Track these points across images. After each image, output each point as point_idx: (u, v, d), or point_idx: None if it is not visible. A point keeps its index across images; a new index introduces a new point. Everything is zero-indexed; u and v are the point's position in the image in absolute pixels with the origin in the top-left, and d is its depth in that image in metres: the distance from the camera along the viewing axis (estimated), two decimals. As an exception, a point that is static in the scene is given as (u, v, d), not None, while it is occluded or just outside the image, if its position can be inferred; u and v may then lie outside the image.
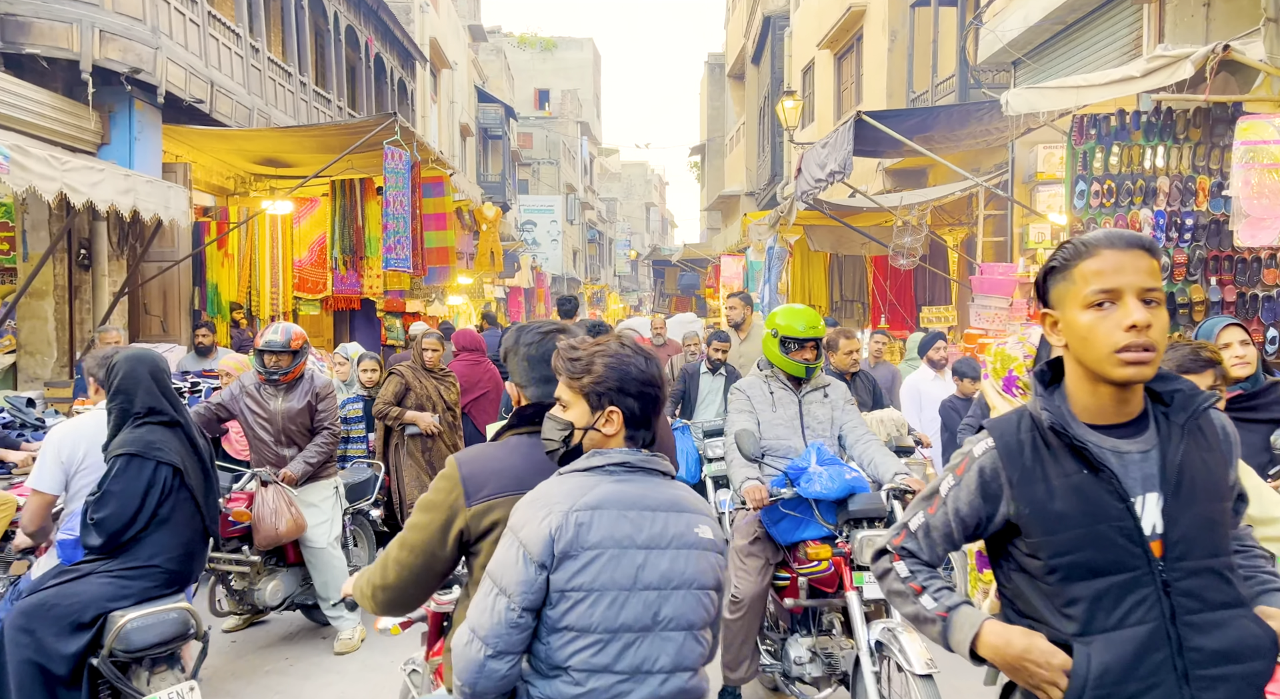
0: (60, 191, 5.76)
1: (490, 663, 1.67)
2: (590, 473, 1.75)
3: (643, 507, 1.72)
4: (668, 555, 1.72)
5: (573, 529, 1.65)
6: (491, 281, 21.74)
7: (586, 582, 1.65)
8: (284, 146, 9.18)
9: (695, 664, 1.74)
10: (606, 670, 1.66)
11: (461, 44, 22.98)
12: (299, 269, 10.52)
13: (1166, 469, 1.47)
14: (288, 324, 4.76)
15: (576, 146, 40.43)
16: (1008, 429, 1.57)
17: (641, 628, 1.68)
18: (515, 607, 1.65)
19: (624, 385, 1.78)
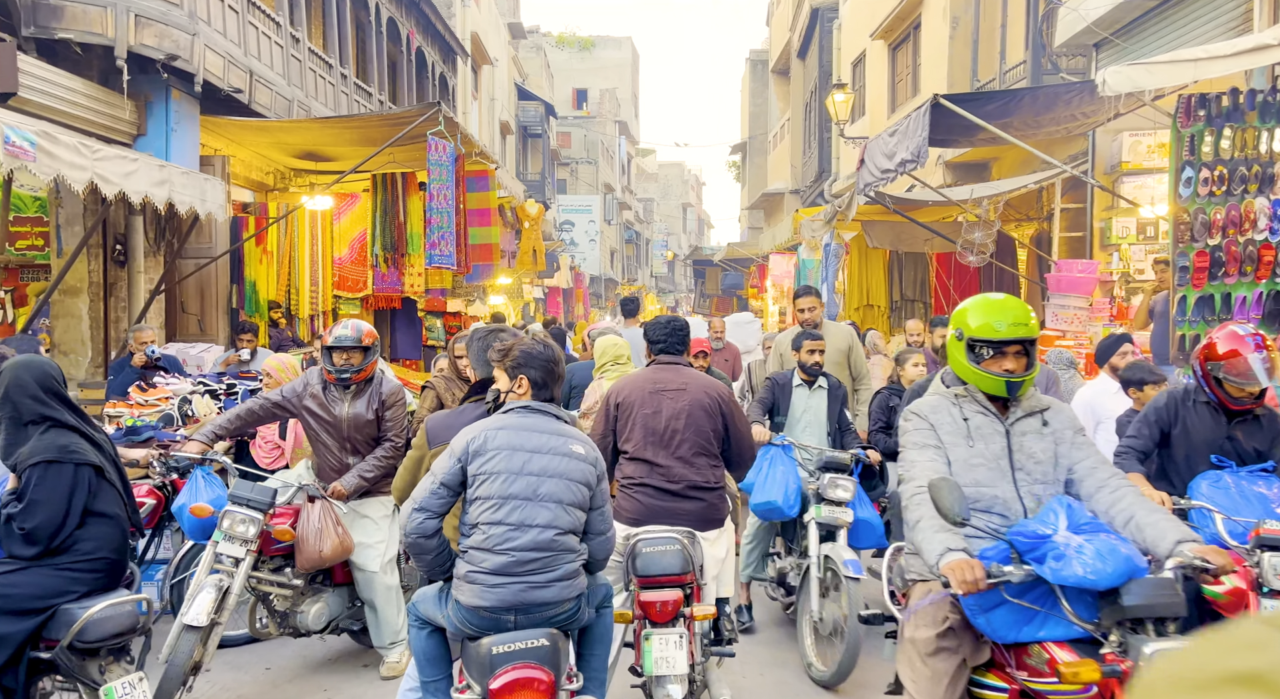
0: (90, 181, 5.43)
1: (415, 514, 2.74)
2: (505, 413, 2.88)
3: (532, 429, 2.81)
4: (545, 457, 2.77)
5: (482, 438, 2.77)
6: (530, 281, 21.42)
7: (489, 469, 2.73)
8: (324, 139, 8.85)
9: (565, 527, 2.75)
10: (500, 523, 2.70)
11: (502, 40, 22.69)
12: (339, 267, 10.21)
13: None
14: (357, 320, 4.37)
15: (614, 146, 40.07)
16: None
17: (524, 498, 2.71)
18: (437, 482, 2.75)
19: (529, 363, 2.89)
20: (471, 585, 2.68)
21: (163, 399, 6.03)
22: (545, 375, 2.89)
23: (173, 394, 6.10)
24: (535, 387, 2.89)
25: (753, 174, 29.57)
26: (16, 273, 7.80)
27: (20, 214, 7.61)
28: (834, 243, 11.21)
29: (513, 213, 13.27)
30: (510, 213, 13.15)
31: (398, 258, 9.70)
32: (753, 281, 21.09)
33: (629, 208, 43.96)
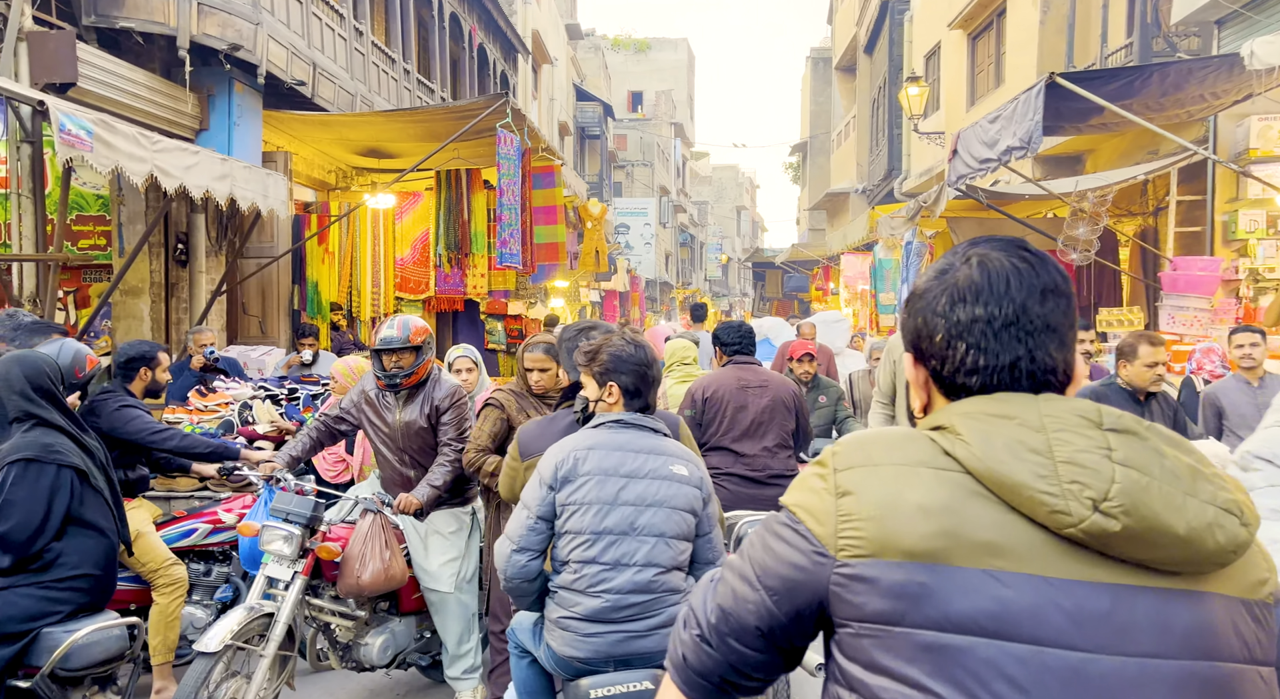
0: (150, 174, 5.12)
1: (515, 555, 2.44)
2: (595, 428, 2.53)
3: (628, 449, 2.47)
4: (644, 483, 2.44)
5: (571, 462, 2.44)
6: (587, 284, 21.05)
7: (579, 498, 2.42)
8: (388, 134, 8.54)
9: (666, 563, 2.42)
10: (594, 562, 2.40)
11: (560, 40, 22.41)
12: (400, 268, 9.91)
13: None
14: (406, 316, 3.95)
15: (670, 148, 39.63)
16: None
17: (620, 532, 2.40)
18: (533, 516, 2.44)
19: (619, 367, 2.54)
20: (564, 632, 2.42)
21: (223, 405, 5.71)
22: (638, 381, 2.54)
23: (233, 399, 5.78)
24: (627, 395, 2.55)
25: (814, 174, 28.83)
26: (79, 273, 7.61)
27: (83, 213, 7.42)
28: (916, 241, 10.55)
29: (575, 212, 12.88)
30: (573, 212, 12.75)
31: (461, 258, 9.34)
32: (818, 284, 20.40)
33: (684, 210, 43.47)
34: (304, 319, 8.29)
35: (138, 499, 4.05)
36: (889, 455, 1.01)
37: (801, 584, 1.01)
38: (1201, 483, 0.94)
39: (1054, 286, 1.02)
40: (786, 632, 1.04)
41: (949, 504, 0.95)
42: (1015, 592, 0.92)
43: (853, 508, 0.98)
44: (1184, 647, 0.91)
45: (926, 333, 1.05)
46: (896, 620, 0.94)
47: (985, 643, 0.91)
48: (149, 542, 3.79)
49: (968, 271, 1.03)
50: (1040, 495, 0.92)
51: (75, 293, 7.69)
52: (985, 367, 1.01)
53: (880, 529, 0.96)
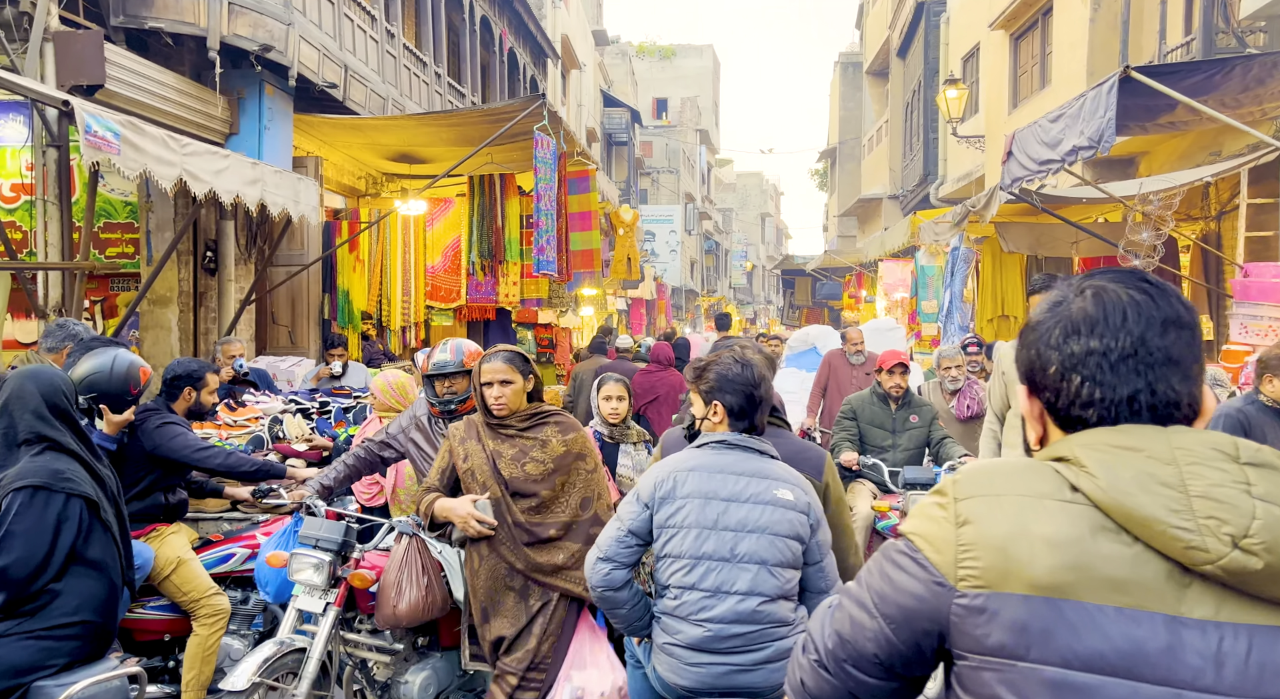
0: (179, 179, 4.90)
1: (600, 563, 2.41)
2: (698, 448, 2.49)
3: (730, 471, 2.40)
4: (745, 507, 2.35)
5: (671, 483, 2.41)
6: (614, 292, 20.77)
7: (677, 521, 2.37)
8: (419, 138, 8.30)
9: (770, 592, 2.31)
10: (694, 588, 2.33)
11: (588, 46, 22.22)
12: (431, 276, 9.67)
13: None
14: (459, 340, 3.69)
15: (695, 155, 39.35)
16: None
17: (720, 558, 2.32)
18: (623, 529, 2.42)
19: (724, 387, 2.49)
20: (669, 659, 2.37)
21: (252, 419, 5.46)
22: (744, 402, 2.47)
23: (263, 414, 5.53)
24: (732, 415, 2.48)
25: (843, 181, 28.40)
26: (107, 282, 7.42)
27: (111, 220, 7.23)
28: (964, 247, 10.16)
29: (606, 219, 12.60)
30: (604, 219, 12.47)
31: (494, 265, 9.08)
32: (850, 291, 19.98)
33: (709, 218, 43.16)
34: (334, 329, 8.06)
35: (177, 524, 3.80)
36: (1012, 486, 0.99)
37: (919, 613, 1.00)
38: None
39: (1176, 318, 1.00)
40: (905, 660, 1.03)
41: (1076, 537, 0.93)
42: (1148, 631, 0.90)
43: (974, 538, 0.97)
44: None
45: (1040, 365, 1.04)
46: (1020, 655, 0.93)
47: (1116, 683, 0.90)
48: (191, 569, 3.53)
49: (1081, 304, 1.02)
50: (1174, 531, 0.90)
51: (103, 302, 7.49)
52: (1101, 399, 1.00)
53: (1004, 560, 0.95)
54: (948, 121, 15.26)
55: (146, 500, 3.60)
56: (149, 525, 3.59)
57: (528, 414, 3.04)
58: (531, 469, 2.96)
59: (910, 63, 20.82)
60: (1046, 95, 12.51)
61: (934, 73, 18.54)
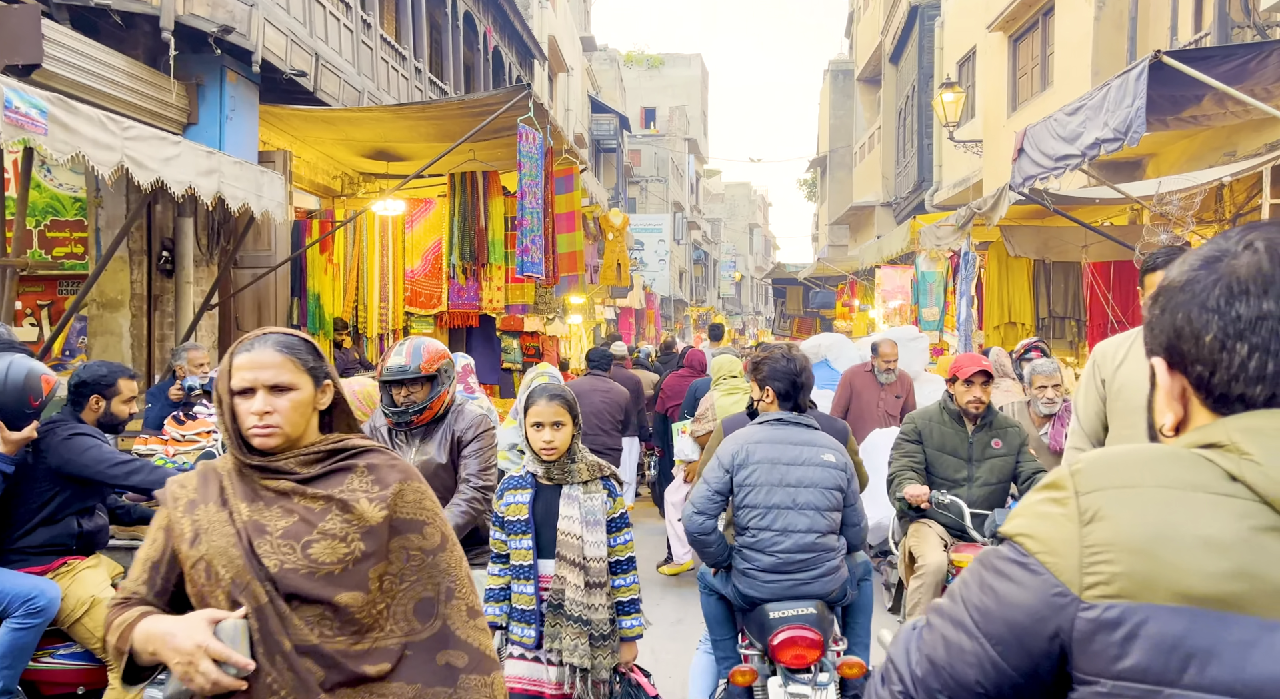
0: (120, 165, 4.37)
1: (695, 516, 3.16)
2: (760, 425, 3.28)
3: (787, 442, 3.18)
4: (801, 468, 3.13)
5: (745, 452, 3.17)
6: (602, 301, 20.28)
7: (752, 480, 3.13)
8: (397, 133, 7.80)
9: (823, 529, 3.11)
10: (767, 529, 3.10)
11: (576, 50, 21.81)
12: (410, 281, 9.14)
13: None
14: (419, 340, 3.20)
15: (684, 164, 39.03)
16: None
17: (785, 507, 3.09)
18: (712, 490, 3.17)
19: (774, 375, 3.29)
20: (748, 578, 3.12)
21: (204, 433, 4.92)
22: (789, 387, 3.27)
23: (215, 427, 4.99)
24: (780, 397, 3.29)
25: (834, 189, 28.09)
26: (54, 284, 6.87)
27: (59, 218, 6.69)
28: (970, 252, 9.73)
29: (595, 223, 12.11)
30: (593, 223, 11.98)
31: (477, 269, 8.56)
32: (844, 300, 19.57)
33: (697, 227, 42.82)
34: (304, 336, 7.53)
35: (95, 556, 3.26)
36: (1153, 475, 0.84)
37: (1034, 632, 0.85)
38: None
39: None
40: (1017, 689, 0.87)
41: (1241, 538, 0.79)
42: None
43: (1107, 537, 0.82)
44: None
45: (1190, 333, 0.87)
46: (1169, 680, 0.78)
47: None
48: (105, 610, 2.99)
49: (1253, 258, 0.85)
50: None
51: (50, 306, 6.94)
52: (1276, 373, 0.83)
53: (1149, 565, 0.80)
54: (945, 125, 14.90)
55: (56, 527, 3.06)
56: (58, 559, 3.06)
57: (320, 451, 1.69)
58: (322, 553, 1.62)
59: (903, 68, 20.52)
60: (1048, 97, 12.15)
61: (928, 77, 18.23)
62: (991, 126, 14.49)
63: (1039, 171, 6.91)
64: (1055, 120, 6.67)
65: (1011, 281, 9.86)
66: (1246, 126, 8.66)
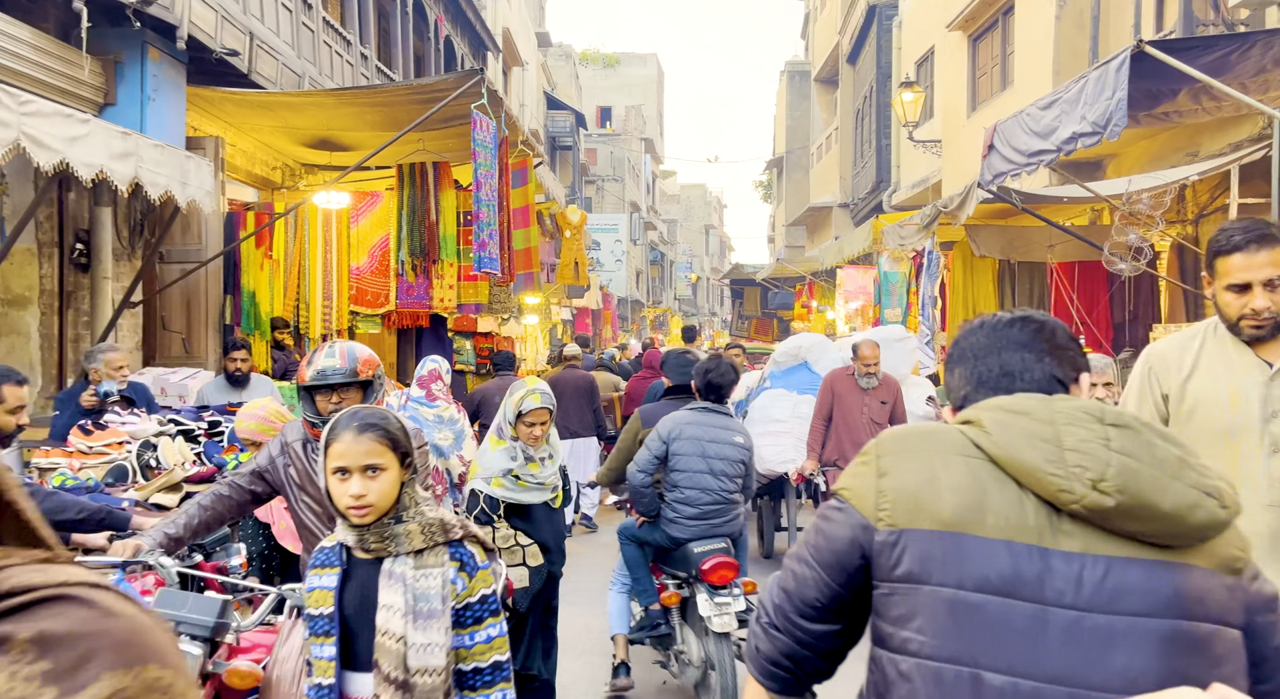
0: (17, 144, 3.87)
1: (637, 474, 4.14)
2: (690, 410, 4.25)
3: (707, 425, 4.17)
4: (716, 445, 4.13)
5: (677, 429, 4.14)
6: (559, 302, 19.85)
7: (681, 451, 4.10)
8: (341, 121, 7.31)
9: (732, 490, 4.16)
10: (693, 487, 4.09)
11: (531, 45, 21.33)
12: (356, 278, 8.64)
13: None
14: (348, 342, 2.79)
15: (640, 164, 38.74)
16: None
17: (705, 472, 4.10)
18: (652, 455, 4.13)
19: (700, 375, 4.29)
20: (678, 524, 4.13)
21: (115, 445, 4.41)
22: (705, 384, 4.28)
23: (130, 438, 4.49)
24: (703, 391, 4.30)
25: (791, 190, 28.02)
26: (-44, 280, 6.23)
27: (-40, 206, 6.08)
28: (934, 251, 9.55)
29: (552, 220, 11.71)
30: (550, 220, 11.58)
31: (427, 266, 8.10)
32: (802, 301, 19.41)
33: (654, 228, 42.56)
34: (239, 335, 6.98)
35: None
36: (925, 444, 1.23)
37: (849, 553, 1.23)
38: (1187, 470, 1.13)
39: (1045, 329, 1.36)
40: (842, 600, 1.25)
41: (974, 484, 1.17)
42: (1025, 560, 1.12)
43: (891, 486, 1.21)
44: (1168, 608, 1.09)
45: (970, 354, 1.41)
46: (923, 580, 1.15)
47: (998, 601, 1.12)
48: None
49: (989, 318, 1.42)
50: (1049, 477, 1.12)
51: (-49, 304, 6.31)
52: (1004, 374, 1.31)
53: (915, 504, 1.18)
54: (904, 125, 14.79)
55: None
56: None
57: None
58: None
59: (861, 68, 20.46)
60: (1008, 97, 12.08)
61: (886, 78, 18.16)
62: (951, 126, 14.42)
63: (1010, 168, 6.70)
64: (1028, 115, 6.45)
65: (976, 282, 9.71)
66: (1210, 126, 8.60)
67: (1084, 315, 9.32)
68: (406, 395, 4.99)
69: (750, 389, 6.53)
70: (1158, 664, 1.07)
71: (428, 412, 4.78)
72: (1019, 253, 9.45)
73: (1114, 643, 1.07)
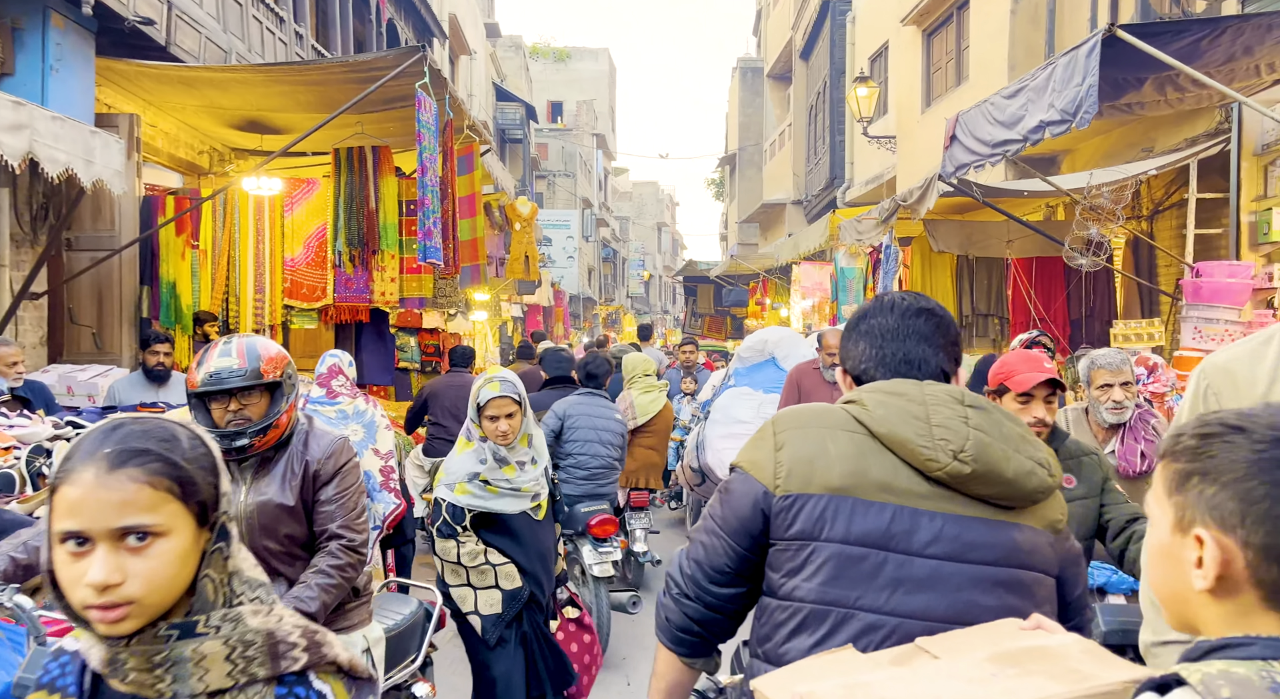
0: (-121, 107, 3.37)
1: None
2: (578, 395, 5.36)
3: (592, 404, 5.30)
4: (602, 420, 5.23)
5: (571, 409, 5.24)
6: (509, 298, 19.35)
7: (575, 425, 5.17)
8: (272, 101, 6.82)
9: (616, 455, 5.29)
10: (584, 455, 5.15)
11: (479, 34, 20.77)
12: (291, 270, 8.13)
13: None
14: (249, 337, 2.38)
15: (592, 160, 38.32)
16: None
17: (593, 441, 5.17)
18: (552, 433, 5.10)
19: (582, 368, 5.56)
20: (569, 483, 5.07)
21: (3, 450, 3.92)
22: (585, 375, 5.46)
23: (19, 442, 4.00)
24: (585, 380, 5.48)
25: (744, 187, 27.90)
26: None
27: None
28: (893, 246, 9.37)
29: (501, 212, 11.28)
30: (499, 212, 11.14)
31: (366, 256, 7.63)
32: (756, 298, 19.24)
33: (606, 224, 42.19)
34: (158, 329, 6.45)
35: None
36: (817, 421, 1.45)
37: (752, 518, 1.42)
38: (1025, 445, 1.40)
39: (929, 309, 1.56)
40: (748, 562, 1.44)
41: (856, 455, 1.39)
42: (898, 518, 1.36)
43: (788, 457, 1.42)
44: (1007, 559, 1.36)
45: (850, 343, 1.68)
46: (814, 537, 1.37)
47: (875, 553, 1.35)
48: None
49: (867, 303, 1.63)
50: (919, 448, 1.36)
51: None
52: (879, 360, 1.53)
53: (807, 472, 1.40)
54: (858, 121, 14.68)
55: None
56: None
57: None
58: None
59: (814, 64, 20.37)
60: (963, 92, 12.00)
61: (840, 73, 18.08)
62: (905, 122, 14.35)
63: (973, 159, 6.50)
64: (992, 104, 6.26)
65: (935, 277, 9.55)
66: (1165, 121, 8.56)
67: (1041, 312, 9.23)
68: (305, 397, 4.36)
69: (715, 388, 6.19)
70: (995, 603, 1.33)
71: (329, 410, 4.29)
72: (977, 248, 9.31)
73: (963, 586, 1.33)
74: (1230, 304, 6.95)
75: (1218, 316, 7.06)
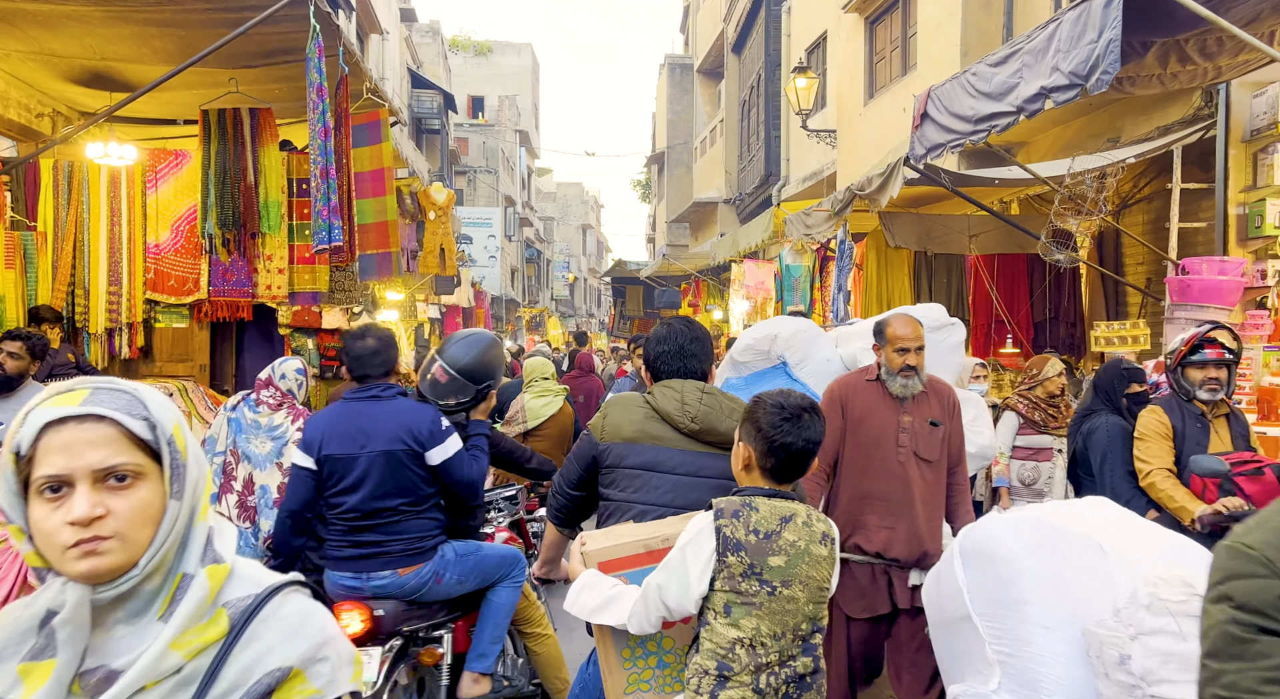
0: None
1: None
2: None
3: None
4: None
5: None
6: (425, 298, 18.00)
7: None
8: (119, 48, 5.54)
9: None
10: None
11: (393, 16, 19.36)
12: (156, 258, 6.82)
13: None
14: None
15: (515, 157, 37.04)
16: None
17: None
18: None
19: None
20: None
21: None
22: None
23: None
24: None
25: (673, 187, 27.10)
26: None
27: None
28: (846, 240, 8.59)
29: (413, 199, 10.07)
30: (411, 199, 9.94)
31: (244, 241, 6.39)
32: (689, 300, 18.40)
33: (530, 224, 40.90)
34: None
35: None
36: (626, 403, 2.65)
37: (588, 455, 2.63)
38: (735, 413, 2.49)
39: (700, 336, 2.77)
40: (585, 479, 2.66)
41: (643, 419, 2.57)
42: (664, 454, 2.53)
43: (609, 422, 2.62)
44: (718, 474, 2.47)
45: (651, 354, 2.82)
46: (618, 465, 2.56)
47: (650, 474, 2.53)
48: None
49: (660, 327, 2.79)
50: (676, 416, 2.53)
51: None
52: (667, 369, 2.70)
53: (614, 429, 2.59)
54: (797, 113, 13.97)
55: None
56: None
57: None
58: None
59: (747, 58, 19.68)
60: (910, 81, 11.37)
61: (775, 66, 17.40)
62: (846, 115, 13.69)
63: (950, 138, 5.71)
64: (975, 74, 5.45)
65: (891, 276, 8.80)
66: (1132, 109, 8.00)
67: (1005, 311, 8.58)
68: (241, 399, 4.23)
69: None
70: (705, 496, 2.31)
71: (251, 415, 4.09)
72: (937, 244, 8.61)
73: (695, 488, 2.49)
74: (1221, 304, 6.35)
75: (1207, 317, 6.40)
